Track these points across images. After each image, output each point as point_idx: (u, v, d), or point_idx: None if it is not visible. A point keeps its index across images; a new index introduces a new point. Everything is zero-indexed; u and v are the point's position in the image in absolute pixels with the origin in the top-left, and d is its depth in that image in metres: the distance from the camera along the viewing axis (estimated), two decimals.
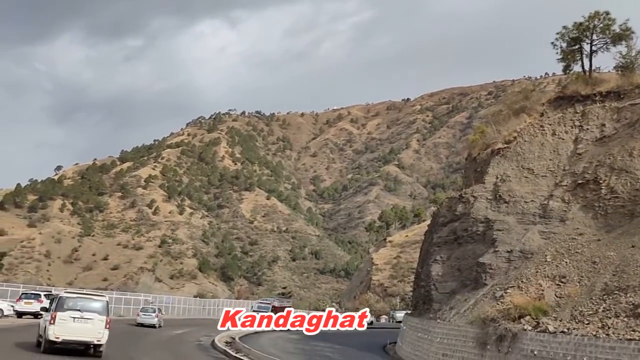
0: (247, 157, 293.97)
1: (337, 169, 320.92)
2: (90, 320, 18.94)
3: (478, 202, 29.29)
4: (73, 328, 18.64)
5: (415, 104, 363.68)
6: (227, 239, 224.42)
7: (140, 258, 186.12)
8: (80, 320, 18.82)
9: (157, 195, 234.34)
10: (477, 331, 23.23)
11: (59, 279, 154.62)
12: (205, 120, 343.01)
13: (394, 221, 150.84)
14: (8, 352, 19.56)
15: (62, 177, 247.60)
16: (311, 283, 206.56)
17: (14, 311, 37.99)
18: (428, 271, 31.37)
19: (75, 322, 18.76)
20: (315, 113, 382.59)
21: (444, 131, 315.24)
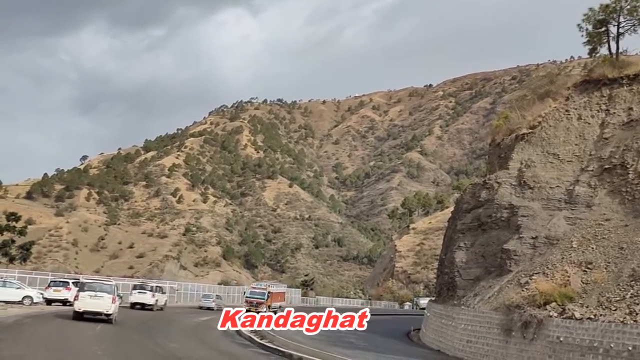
0: (269, 145, 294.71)
1: (359, 156, 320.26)
2: (101, 298, 26.01)
3: (502, 188, 29.04)
4: (90, 303, 25.93)
5: (437, 90, 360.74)
6: (251, 227, 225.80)
7: (165, 246, 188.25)
8: (95, 297, 25.99)
9: (180, 183, 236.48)
10: (501, 318, 23.13)
11: (86, 266, 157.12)
12: (227, 108, 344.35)
13: (416, 208, 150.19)
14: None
15: (87, 167, 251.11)
16: (334, 270, 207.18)
17: (43, 298, 38.67)
18: (452, 258, 31.26)
19: (91, 299, 25.97)
20: (337, 100, 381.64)
21: (467, 117, 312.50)
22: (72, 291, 39.56)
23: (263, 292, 45.88)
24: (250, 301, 44.84)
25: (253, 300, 44.89)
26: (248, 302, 44.86)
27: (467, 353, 24.80)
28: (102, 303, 26.03)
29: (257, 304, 44.34)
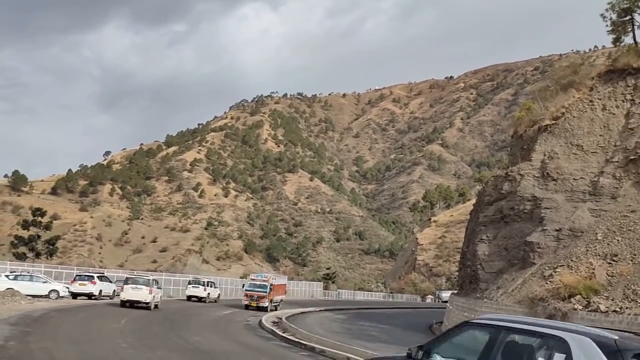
0: (289, 139, 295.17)
1: (380, 149, 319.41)
2: (140, 289, 32.77)
3: (525, 180, 28.78)
4: (132, 293, 32.68)
5: (458, 81, 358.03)
6: (272, 221, 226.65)
7: (188, 240, 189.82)
8: (136, 289, 32.76)
9: (202, 178, 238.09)
10: (525, 311, 22.95)
11: (110, 261, 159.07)
12: (247, 103, 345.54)
13: (438, 201, 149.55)
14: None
15: (110, 162, 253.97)
16: (356, 264, 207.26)
17: (69, 292, 39.28)
18: (474, 250, 31.09)
19: (133, 290, 32.76)
20: (357, 93, 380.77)
21: (488, 109, 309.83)
22: (97, 285, 40.24)
23: (265, 285, 41.39)
24: (250, 295, 40.94)
25: (253, 293, 40.92)
26: (248, 296, 41.07)
27: None
28: (142, 293, 32.68)
29: (258, 298, 40.57)
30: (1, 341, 16.09)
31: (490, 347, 6.03)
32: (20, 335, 17.88)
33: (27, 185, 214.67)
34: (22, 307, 28.73)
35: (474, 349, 6.19)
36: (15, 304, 30.47)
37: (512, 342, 6.06)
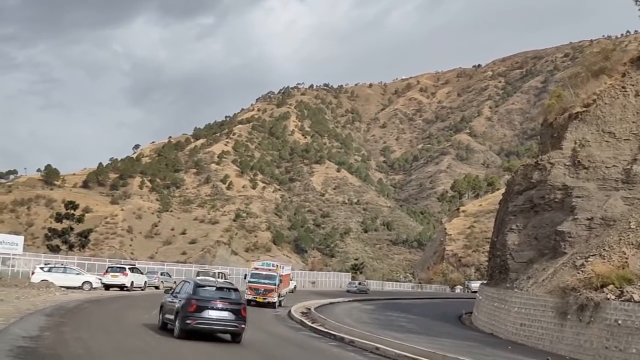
0: (316, 130, 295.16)
1: (407, 139, 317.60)
2: None
3: (555, 169, 28.38)
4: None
5: (486, 70, 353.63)
6: (300, 212, 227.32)
7: (216, 232, 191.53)
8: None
9: (230, 170, 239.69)
10: (556, 301, 22.70)
11: (141, 253, 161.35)
12: (274, 95, 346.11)
13: (466, 190, 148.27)
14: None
15: (140, 156, 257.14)
16: (384, 254, 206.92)
17: (101, 284, 40.01)
18: (504, 240, 30.81)
19: None
20: (384, 84, 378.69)
21: (517, 97, 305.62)
22: (128, 276, 40.94)
23: (272, 275, 34.75)
24: (255, 287, 34.25)
25: (259, 286, 34.18)
26: (252, 290, 34.33)
27: (521, 336, 24.47)
28: None
29: (264, 292, 33.94)
30: (37, 331, 16.47)
31: None
32: (56, 325, 18.29)
33: (59, 179, 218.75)
34: (57, 299, 29.34)
35: None
36: (50, 295, 31.14)
37: None
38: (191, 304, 16.61)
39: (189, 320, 16.58)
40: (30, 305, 24.33)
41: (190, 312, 16.60)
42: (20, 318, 19.19)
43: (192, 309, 16.62)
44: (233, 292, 17.89)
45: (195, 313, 16.61)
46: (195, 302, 16.66)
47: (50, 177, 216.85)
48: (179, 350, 15.73)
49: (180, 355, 14.96)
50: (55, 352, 13.36)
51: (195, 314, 16.59)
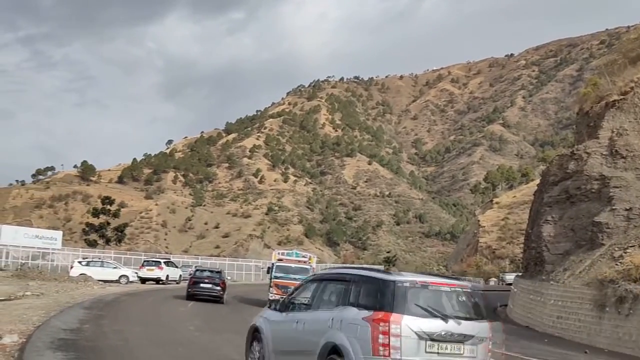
0: (347, 123, 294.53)
1: (439, 130, 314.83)
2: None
3: (592, 159, 27.85)
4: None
5: (519, 59, 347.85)
6: (331, 205, 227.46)
7: (249, 225, 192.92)
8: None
9: (262, 164, 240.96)
10: (594, 293, 22.32)
11: (175, 247, 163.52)
12: (304, 88, 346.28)
13: (500, 182, 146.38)
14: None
15: (173, 151, 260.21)
16: (416, 247, 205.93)
17: (137, 277, 40.76)
18: (539, 232, 30.39)
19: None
20: (415, 75, 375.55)
21: (551, 86, 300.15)
22: (164, 270, 41.61)
23: (305, 269, 27.75)
24: (284, 286, 26.58)
25: (288, 283, 26.49)
26: (279, 288, 26.97)
27: (558, 329, 24.14)
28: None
29: None
30: (77, 324, 16.86)
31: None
32: (95, 318, 18.69)
33: (95, 174, 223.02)
34: (95, 292, 29.98)
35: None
36: (88, 288, 31.84)
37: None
38: (192, 280, 30.26)
39: (190, 289, 29.75)
40: (69, 298, 24.91)
41: (191, 285, 29.91)
42: (60, 311, 19.66)
43: (192, 283, 29.99)
44: (216, 274, 31.27)
45: (193, 285, 29.73)
46: (193, 279, 30.28)
47: (86, 173, 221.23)
48: (215, 342, 15.95)
49: (216, 346, 15.15)
50: (94, 344, 13.65)
51: (193, 286, 29.67)
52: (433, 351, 7.88)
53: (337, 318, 8.28)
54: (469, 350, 8.26)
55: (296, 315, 9.50)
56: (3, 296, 22.76)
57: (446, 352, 8.00)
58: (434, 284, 8.35)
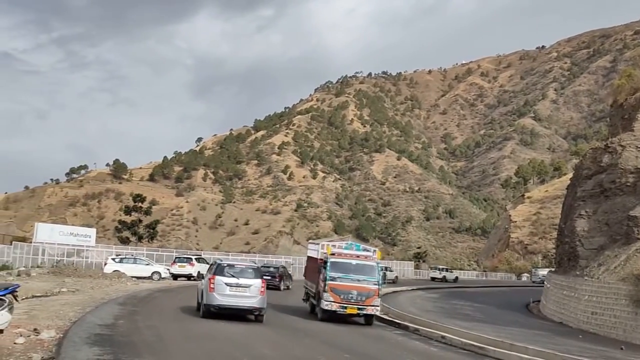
0: (375, 118, 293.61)
1: (469, 125, 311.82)
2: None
3: (627, 152, 27.31)
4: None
5: (551, 51, 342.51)
6: (360, 201, 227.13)
7: (279, 222, 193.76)
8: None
9: (290, 161, 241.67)
10: (630, 288, 21.92)
11: (206, 243, 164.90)
12: (332, 84, 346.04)
13: (531, 176, 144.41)
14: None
15: (202, 148, 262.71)
16: (447, 242, 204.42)
17: (169, 274, 41.25)
18: (572, 227, 29.93)
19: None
20: (443, 69, 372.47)
21: (584, 78, 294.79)
22: (195, 266, 42.02)
23: (370, 267, 21.29)
24: (344, 290, 20.59)
25: (351, 287, 20.63)
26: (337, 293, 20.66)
27: (593, 325, 23.77)
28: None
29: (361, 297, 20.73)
30: (112, 319, 17.18)
31: None
32: (129, 314, 19.00)
33: (127, 172, 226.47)
34: (129, 288, 30.45)
35: None
36: (122, 285, 32.35)
37: None
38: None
39: None
40: (104, 294, 25.37)
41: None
42: (96, 307, 20.06)
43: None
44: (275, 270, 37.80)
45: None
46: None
47: (119, 171, 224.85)
48: (245, 335, 16.09)
49: (247, 340, 15.28)
50: (129, 339, 13.90)
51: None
52: (232, 291, 18.64)
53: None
54: (248, 291, 18.76)
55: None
56: (40, 293, 23.27)
57: (237, 292, 18.67)
58: (235, 265, 19.97)
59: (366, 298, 20.74)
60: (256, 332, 17.12)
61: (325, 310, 20.88)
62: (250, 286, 18.91)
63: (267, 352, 13.93)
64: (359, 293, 20.71)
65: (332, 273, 20.77)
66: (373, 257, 21.93)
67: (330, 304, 20.60)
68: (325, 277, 20.77)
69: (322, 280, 20.99)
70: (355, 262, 21.33)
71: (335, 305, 20.65)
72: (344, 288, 20.67)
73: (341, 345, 16.46)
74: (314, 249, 25.35)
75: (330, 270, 20.77)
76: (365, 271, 21.10)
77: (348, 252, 21.83)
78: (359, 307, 20.80)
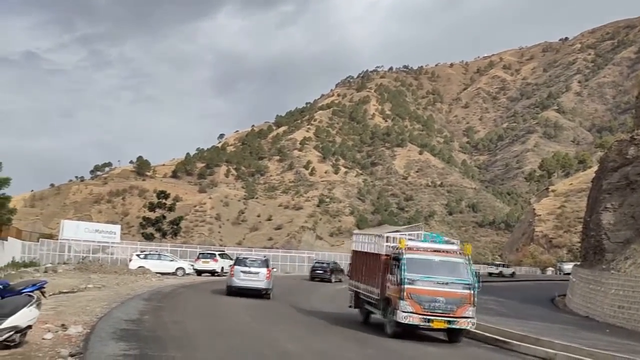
0: (397, 113, 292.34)
1: (491, 118, 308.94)
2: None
3: None
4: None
5: (574, 42, 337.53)
6: (383, 196, 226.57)
7: (301, 217, 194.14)
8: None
9: (312, 156, 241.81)
10: None
11: (229, 239, 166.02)
12: (353, 79, 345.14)
13: (555, 169, 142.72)
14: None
15: (225, 145, 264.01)
16: (470, 237, 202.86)
17: (193, 270, 41.62)
18: (598, 220, 29.55)
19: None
20: (465, 62, 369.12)
21: (609, 69, 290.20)
22: (218, 262, 42.38)
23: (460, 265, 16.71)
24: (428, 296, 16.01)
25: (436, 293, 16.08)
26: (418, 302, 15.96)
27: (620, 319, 23.46)
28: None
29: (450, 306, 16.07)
30: (138, 315, 17.39)
31: None
32: (154, 309, 19.22)
33: (150, 169, 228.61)
34: (153, 284, 30.78)
35: None
36: (146, 280, 32.71)
37: None
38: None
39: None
40: (129, 290, 25.68)
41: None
42: (121, 303, 20.31)
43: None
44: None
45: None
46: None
47: (142, 168, 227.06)
48: (270, 332, 16.17)
49: (271, 336, 15.36)
50: (155, 334, 14.06)
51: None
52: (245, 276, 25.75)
53: None
54: (257, 276, 25.72)
55: None
56: (67, 289, 23.63)
57: (249, 277, 25.72)
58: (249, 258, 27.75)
59: (456, 307, 16.00)
60: (283, 329, 17.20)
61: (400, 324, 16.10)
62: (259, 273, 25.93)
63: (291, 347, 13.99)
64: (446, 300, 15.95)
65: (410, 274, 16.03)
66: (460, 251, 17.35)
67: (409, 315, 15.77)
68: (400, 280, 16.01)
69: (395, 282, 16.29)
70: (439, 258, 16.69)
71: (416, 317, 15.79)
72: (427, 294, 15.95)
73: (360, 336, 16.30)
74: (363, 241, 20.65)
75: (408, 270, 16.06)
76: (452, 270, 16.43)
77: (427, 245, 17.36)
78: (447, 319, 15.93)
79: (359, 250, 20.71)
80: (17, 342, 10.87)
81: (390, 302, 16.65)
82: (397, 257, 16.62)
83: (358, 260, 20.50)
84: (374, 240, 19.33)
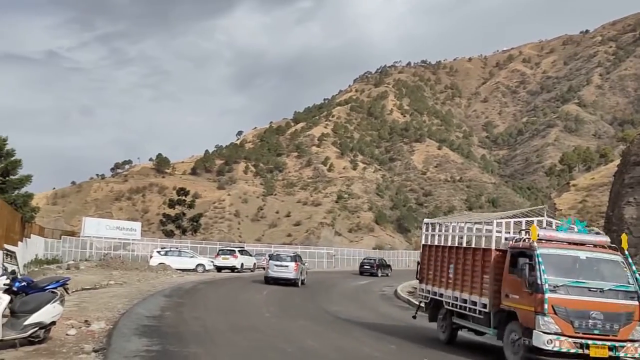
0: (415, 108, 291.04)
1: (511, 112, 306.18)
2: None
3: None
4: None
5: (595, 35, 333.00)
6: (401, 191, 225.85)
7: (320, 213, 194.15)
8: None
9: (330, 152, 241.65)
10: None
11: (248, 235, 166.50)
12: (371, 75, 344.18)
13: (576, 163, 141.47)
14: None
15: (243, 141, 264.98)
16: None
17: (213, 266, 41.87)
18: (620, 214, 29.20)
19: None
20: (484, 56, 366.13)
21: (630, 62, 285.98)
22: (238, 258, 42.59)
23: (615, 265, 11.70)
24: (580, 307, 10.94)
25: (587, 302, 10.95)
26: (566, 317, 10.88)
27: None
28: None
29: (611, 326, 10.93)
30: (159, 311, 17.55)
31: None
32: (175, 305, 19.38)
33: (169, 167, 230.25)
34: (174, 280, 31.03)
35: None
36: (167, 277, 32.99)
37: None
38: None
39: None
40: (150, 287, 25.91)
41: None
42: (143, 299, 20.51)
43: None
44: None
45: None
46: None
47: (161, 165, 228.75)
48: (290, 328, 16.21)
49: (291, 332, 15.39)
50: (176, 330, 14.18)
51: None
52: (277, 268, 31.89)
53: None
54: (287, 269, 31.74)
55: None
56: (89, 285, 23.92)
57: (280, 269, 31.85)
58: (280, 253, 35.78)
59: (620, 326, 11.09)
60: (302, 325, 17.24)
61: (538, 350, 11.10)
62: (288, 266, 31.84)
63: (310, 342, 14.02)
64: (606, 316, 11.06)
65: (551, 277, 11.22)
66: (613, 245, 12.56)
67: (555, 339, 10.84)
68: (537, 285, 11.15)
69: (526, 289, 11.43)
70: (586, 254, 11.82)
71: (565, 341, 10.84)
72: (579, 306, 11.07)
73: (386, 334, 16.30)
74: (446, 233, 16.23)
75: (547, 272, 11.22)
76: (607, 272, 11.65)
77: (567, 236, 12.38)
78: (610, 343, 10.93)
79: (427, 244, 16.70)
80: (41, 338, 11.04)
81: (513, 317, 11.86)
82: (523, 253, 11.96)
83: (437, 258, 15.75)
84: (473, 229, 15.65)
